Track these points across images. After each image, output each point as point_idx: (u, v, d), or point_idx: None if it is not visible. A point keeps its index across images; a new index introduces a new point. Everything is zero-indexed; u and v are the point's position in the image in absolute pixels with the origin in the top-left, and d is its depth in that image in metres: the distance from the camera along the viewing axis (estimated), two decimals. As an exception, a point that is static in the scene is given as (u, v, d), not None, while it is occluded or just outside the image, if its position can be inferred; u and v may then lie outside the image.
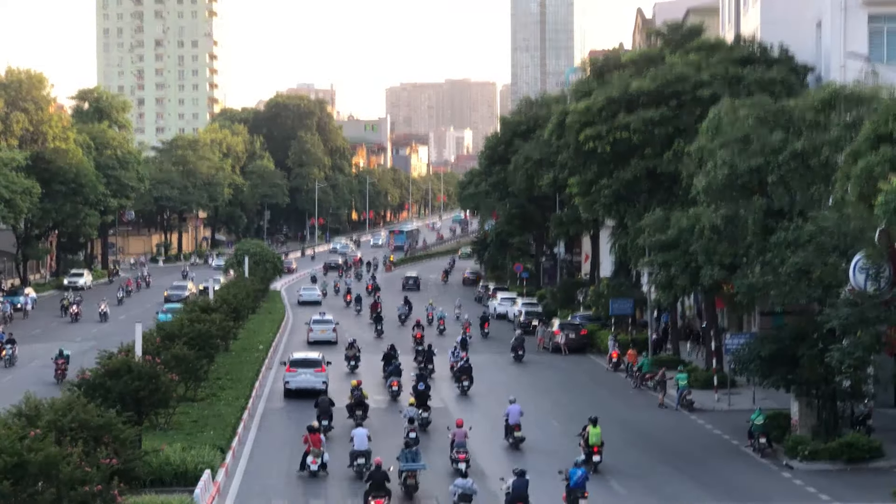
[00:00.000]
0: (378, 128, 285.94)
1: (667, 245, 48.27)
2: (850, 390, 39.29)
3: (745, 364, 41.69)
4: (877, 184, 31.36)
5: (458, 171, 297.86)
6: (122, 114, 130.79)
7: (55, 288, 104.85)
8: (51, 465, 24.18)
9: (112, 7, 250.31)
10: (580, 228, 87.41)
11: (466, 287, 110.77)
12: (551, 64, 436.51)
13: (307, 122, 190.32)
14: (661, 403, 50.05)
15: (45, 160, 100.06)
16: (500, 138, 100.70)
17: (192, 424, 41.15)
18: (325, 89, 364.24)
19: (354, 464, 36.16)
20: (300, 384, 49.77)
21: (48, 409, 28.88)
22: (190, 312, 56.91)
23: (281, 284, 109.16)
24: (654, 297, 57.26)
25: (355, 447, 36.38)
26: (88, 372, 37.68)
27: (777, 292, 39.30)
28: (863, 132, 34.77)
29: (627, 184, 58.16)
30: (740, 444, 41.38)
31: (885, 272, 33.79)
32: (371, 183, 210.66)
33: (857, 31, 50.32)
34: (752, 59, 56.04)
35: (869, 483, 35.07)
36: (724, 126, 43.54)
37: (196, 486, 31.47)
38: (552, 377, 58.77)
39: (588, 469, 32.71)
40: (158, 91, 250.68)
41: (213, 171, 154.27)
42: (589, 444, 36.90)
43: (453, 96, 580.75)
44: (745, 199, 42.48)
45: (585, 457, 35.82)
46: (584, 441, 37.11)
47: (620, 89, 57.36)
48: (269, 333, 70.76)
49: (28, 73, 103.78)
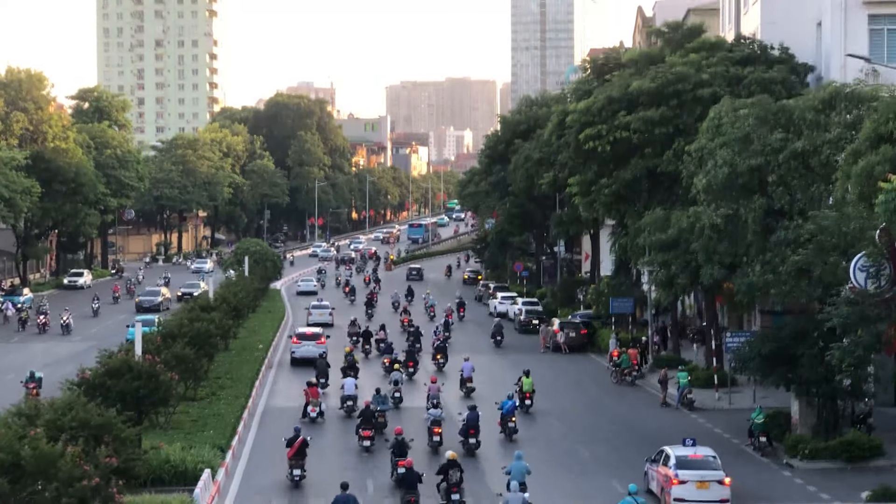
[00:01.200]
0: (378, 127, 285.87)
1: (667, 244, 48.32)
2: (851, 389, 39.31)
3: (745, 363, 41.74)
4: (877, 183, 31.32)
5: (459, 171, 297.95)
6: (121, 113, 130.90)
7: (55, 287, 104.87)
8: (48, 463, 24.16)
9: (112, 7, 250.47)
10: (580, 228, 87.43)
11: (467, 286, 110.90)
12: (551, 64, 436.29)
13: (307, 121, 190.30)
14: (664, 402, 50.06)
15: (45, 159, 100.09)
16: (501, 137, 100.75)
17: (192, 424, 41.19)
18: (325, 88, 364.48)
19: (345, 406, 46.01)
20: (304, 353, 58.96)
21: (48, 409, 28.90)
22: (190, 311, 56.94)
23: (281, 283, 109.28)
24: (655, 296, 57.33)
25: (345, 392, 46.18)
26: (88, 371, 37.69)
27: (777, 291, 39.34)
28: (863, 132, 34.76)
29: (627, 183, 58.16)
30: (741, 443, 41.41)
31: (885, 271, 33.74)
32: (371, 182, 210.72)
33: (858, 31, 50.29)
34: (753, 59, 56.04)
35: (869, 482, 35.03)
36: (724, 126, 43.54)
37: (196, 486, 31.47)
38: (549, 376, 58.79)
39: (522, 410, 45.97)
40: (158, 91, 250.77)
41: (212, 170, 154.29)
42: (522, 391, 47.70)
43: (453, 95, 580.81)
44: (745, 198, 42.48)
45: (519, 401, 46.41)
46: (519, 389, 47.74)
47: (621, 89, 57.36)
48: (269, 332, 70.80)
49: (28, 72, 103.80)
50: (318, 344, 58.84)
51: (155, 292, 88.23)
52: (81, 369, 38.54)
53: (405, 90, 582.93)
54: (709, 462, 33.45)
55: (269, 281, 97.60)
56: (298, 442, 35.16)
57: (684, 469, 32.80)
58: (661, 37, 64.55)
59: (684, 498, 32.35)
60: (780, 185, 41.52)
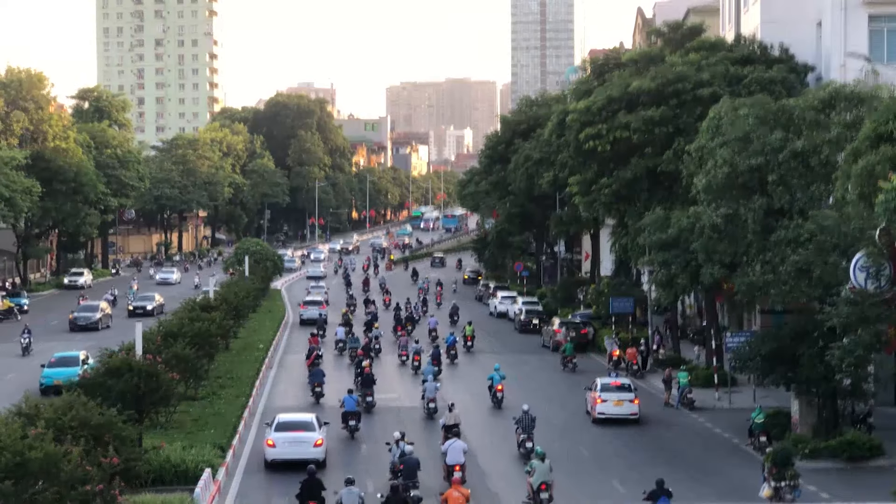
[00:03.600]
0: (378, 127, 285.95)
1: (667, 244, 48.32)
2: (851, 389, 39.30)
3: (745, 362, 41.74)
4: (877, 183, 31.34)
5: (459, 171, 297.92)
6: (122, 113, 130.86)
7: (55, 287, 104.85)
8: (51, 464, 24.17)
9: (112, 6, 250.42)
10: (580, 227, 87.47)
11: (467, 286, 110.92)
12: (551, 64, 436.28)
13: (307, 121, 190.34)
14: (667, 402, 50.01)
15: (45, 159, 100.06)
16: (501, 137, 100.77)
17: (193, 423, 41.23)
18: (326, 88, 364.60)
19: (337, 346, 64.10)
20: (309, 315, 78.44)
21: (48, 408, 28.89)
22: (190, 311, 56.97)
23: (281, 283, 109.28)
24: (655, 295, 57.31)
25: (337, 337, 65.07)
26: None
27: (777, 291, 39.33)
28: (863, 131, 34.76)
29: (627, 183, 58.17)
30: (741, 443, 41.42)
31: (885, 271, 33.78)
32: (371, 182, 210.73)
33: (857, 30, 50.34)
34: (753, 59, 56.06)
35: (869, 481, 35.09)
36: (724, 125, 43.58)
37: (196, 485, 31.48)
38: (549, 377, 58.80)
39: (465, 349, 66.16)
40: (158, 90, 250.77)
41: (213, 170, 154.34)
42: (465, 335, 67.04)
43: (453, 95, 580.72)
44: (745, 198, 42.50)
45: (464, 341, 66.49)
46: (463, 334, 67.23)
47: (621, 89, 57.37)
48: (270, 332, 70.84)
49: (28, 72, 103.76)
50: (320, 308, 79.27)
51: (93, 307, 76.78)
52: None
53: (405, 90, 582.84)
54: (624, 387, 46.53)
55: (269, 281, 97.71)
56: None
57: (605, 392, 45.99)
58: (661, 37, 64.59)
59: (604, 412, 45.63)
60: (780, 184, 41.54)
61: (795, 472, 32.00)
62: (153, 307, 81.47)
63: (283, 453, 37.11)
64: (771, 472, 32.04)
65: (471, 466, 35.95)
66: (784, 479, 31.77)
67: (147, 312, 78.87)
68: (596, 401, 45.78)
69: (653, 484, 29.03)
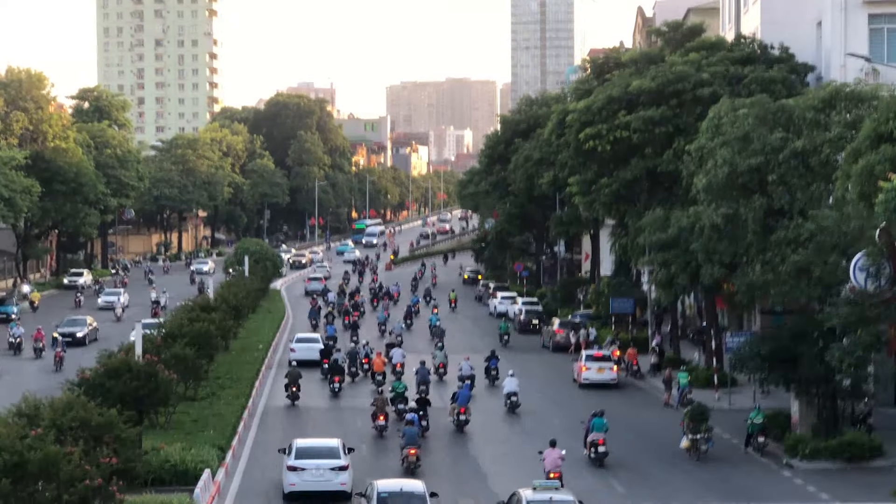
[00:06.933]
0: (378, 127, 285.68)
1: (667, 244, 48.31)
2: (851, 389, 39.29)
3: (745, 363, 41.69)
4: (877, 182, 31.32)
5: (459, 171, 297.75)
6: (121, 113, 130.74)
7: (55, 287, 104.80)
8: (51, 463, 24.17)
9: (112, 6, 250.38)
10: (580, 227, 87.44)
11: (467, 286, 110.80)
12: (551, 63, 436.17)
13: (307, 121, 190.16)
14: (667, 403, 49.98)
15: (45, 159, 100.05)
16: (501, 137, 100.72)
17: (193, 424, 41.19)
18: (325, 88, 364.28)
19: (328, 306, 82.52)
20: (313, 288, 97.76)
21: (48, 408, 28.87)
22: (190, 312, 56.96)
23: (281, 283, 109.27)
24: (655, 295, 57.26)
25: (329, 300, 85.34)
26: (88, 371, 37.69)
27: (777, 291, 39.33)
28: (863, 131, 34.74)
29: (627, 183, 58.16)
30: (740, 443, 41.36)
31: (885, 271, 33.78)
32: (371, 182, 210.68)
33: (857, 30, 50.31)
34: (753, 59, 56.04)
35: (869, 482, 35.08)
36: (724, 125, 43.54)
37: (196, 486, 31.48)
38: (548, 376, 58.78)
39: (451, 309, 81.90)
40: (158, 90, 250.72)
41: (212, 170, 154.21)
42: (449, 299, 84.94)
43: (453, 95, 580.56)
44: (745, 197, 42.48)
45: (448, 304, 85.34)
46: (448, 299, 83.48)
47: (620, 88, 57.34)
48: (269, 333, 70.80)
49: (28, 72, 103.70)
50: (320, 283, 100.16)
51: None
52: (81, 369, 38.54)
53: (405, 90, 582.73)
54: (606, 358, 55.46)
55: (268, 281, 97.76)
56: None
57: (589, 361, 54.66)
58: (661, 36, 64.55)
59: (589, 378, 54.20)
60: (780, 184, 41.52)
61: (709, 426, 38.94)
62: (84, 334, 67.64)
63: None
64: (689, 427, 38.83)
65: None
66: (699, 432, 38.59)
67: (77, 341, 65.51)
68: (581, 369, 54.48)
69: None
